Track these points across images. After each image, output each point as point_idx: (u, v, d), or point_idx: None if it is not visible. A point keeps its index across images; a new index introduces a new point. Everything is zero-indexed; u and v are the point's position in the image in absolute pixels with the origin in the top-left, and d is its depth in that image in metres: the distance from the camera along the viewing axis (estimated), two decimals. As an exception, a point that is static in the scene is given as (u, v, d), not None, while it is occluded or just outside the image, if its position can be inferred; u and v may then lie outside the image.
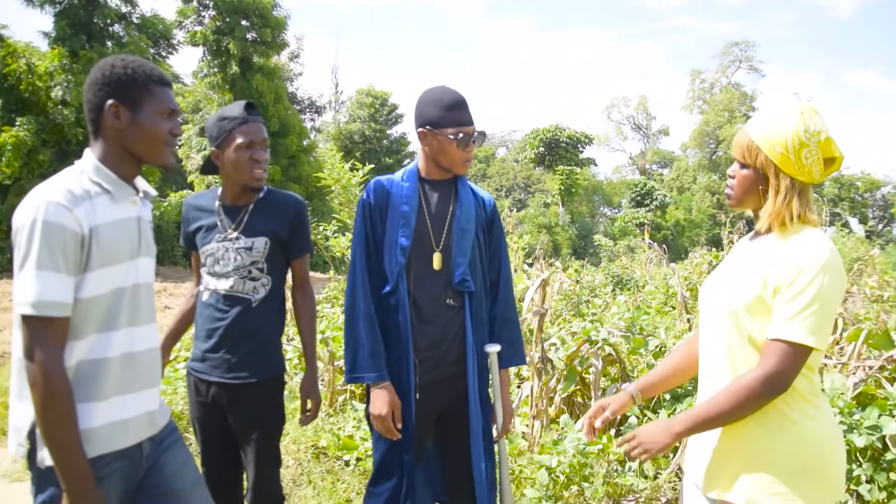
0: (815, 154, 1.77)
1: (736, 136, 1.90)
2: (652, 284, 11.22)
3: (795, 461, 1.76)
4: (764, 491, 1.77)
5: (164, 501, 1.97)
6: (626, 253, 19.99)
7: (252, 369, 2.64)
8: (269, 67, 26.03)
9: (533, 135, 43.18)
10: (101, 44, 20.62)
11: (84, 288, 1.76)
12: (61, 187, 1.75)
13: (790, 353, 1.70)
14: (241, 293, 2.63)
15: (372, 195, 2.56)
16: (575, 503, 3.27)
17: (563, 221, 36.54)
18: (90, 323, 1.79)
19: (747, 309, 1.78)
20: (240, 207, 2.70)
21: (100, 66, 1.87)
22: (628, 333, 4.43)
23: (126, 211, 1.88)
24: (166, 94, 1.90)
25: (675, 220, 41.18)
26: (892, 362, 3.81)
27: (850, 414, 3.42)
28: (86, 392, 1.79)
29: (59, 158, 19.72)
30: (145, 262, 1.95)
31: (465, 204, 2.61)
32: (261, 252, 2.65)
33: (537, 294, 4.19)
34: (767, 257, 1.80)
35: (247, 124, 2.62)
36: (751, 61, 50.94)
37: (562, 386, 4.35)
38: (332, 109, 43.31)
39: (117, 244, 1.83)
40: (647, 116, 54.67)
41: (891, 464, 3.31)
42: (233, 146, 2.59)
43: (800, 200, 1.80)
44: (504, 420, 2.62)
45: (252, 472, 2.62)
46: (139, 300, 1.92)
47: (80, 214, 1.73)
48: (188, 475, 2.04)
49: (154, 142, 1.88)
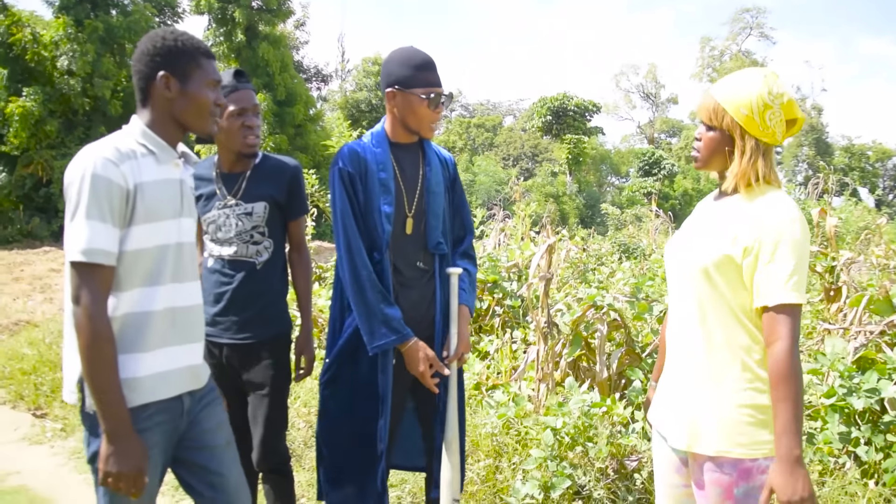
0: (778, 115, 1.85)
1: (701, 98, 1.96)
2: (658, 253, 11.27)
3: (756, 408, 1.84)
4: (731, 441, 1.86)
5: (200, 455, 2.07)
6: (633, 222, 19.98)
7: (261, 328, 2.75)
8: (274, 36, 25.84)
9: (540, 103, 42.87)
10: (105, 12, 20.51)
11: (129, 241, 1.86)
12: (110, 146, 1.86)
13: (794, 314, 1.77)
14: (245, 257, 2.72)
15: (348, 163, 2.51)
16: (579, 463, 3.35)
17: (570, 191, 36.47)
18: (135, 276, 1.89)
19: (716, 266, 1.85)
20: (237, 174, 2.77)
21: (150, 37, 1.97)
22: (633, 299, 4.48)
23: (169, 172, 1.99)
24: (212, 66, 2.02)
25: (684, 190, 41.01)
26: (892, 327, 3.86)
27: (850, 378, 3.47)
28: (132, 343, 1.89)
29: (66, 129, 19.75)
30: (187, 223, 2.05)
31: (433, 166, 2.64)
32: (261, 216, 2.73)
33: (543, 259, 4.25)
34: (735, 216, 1.87)
35: (237, 92, 2.69)
36: (762, 28, 50.33)
37: (567, 350, 4.42)
38: (339, 78, 43.08)
39: (161, 202, 1.93)
40: (656, 85, 54.15)
41: (888, 426, 3.38)
42: (224, 115, 2.65)
43: (764, 161, 1.88)
44: (459, 347, 2.65)
45: (261, 430, 2.71)
46: (182, 258, 2.02)
47: (126, 170, 1.84)
48: (223, 433, 2.14)
49: (201, 111, 1.99)
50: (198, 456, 2.07)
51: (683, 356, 2.01)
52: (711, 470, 1.90)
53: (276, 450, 2.77)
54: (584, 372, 4.53)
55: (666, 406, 2.07)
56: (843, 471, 3.40)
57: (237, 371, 2.76)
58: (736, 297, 1.86)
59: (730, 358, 1.89)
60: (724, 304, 1.88)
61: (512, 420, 3.79)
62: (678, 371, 2.03)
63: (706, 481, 1.92)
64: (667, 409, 2.06)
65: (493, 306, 5.93)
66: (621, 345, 4.45)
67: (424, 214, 2.61)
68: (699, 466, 1.94)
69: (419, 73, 2.47)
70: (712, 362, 1.91)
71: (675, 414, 2.00)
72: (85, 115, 19.95)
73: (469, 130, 52.03)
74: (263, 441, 2.71)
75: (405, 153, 2.61)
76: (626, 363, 4.33)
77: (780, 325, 1.77)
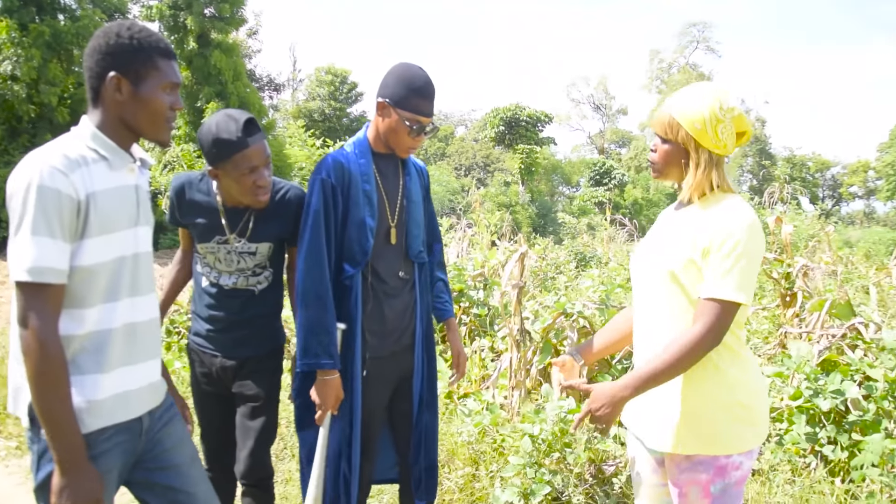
0: (729, 129, 1.94)
1: (656, 113, 2.04)
2: (616, 261, 11.46)
3: (727, 407, 1.92)
4: (706, 440, 1.92)
5: (164, 476, 1.97)
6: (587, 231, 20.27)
7: (256, 346, 2.70)
8: (227, 44, 25.41)
9: (493, 114, 43.15)
10: (52, 17, 19.93)
11: (83, 255, 1.73)
12: (57, 152, 1.71)
13: (723, 310, 1.84)
14: (245, 287, 2.64)
15: (332, 174, 2.47)
16: (557, 469, 3.38)
17: (523, 200, 36.74)
18: (94, 293, 1.77)
19: (683, 269, 1.92)
20: (242, 210, 2.58)
21: (104, 32, 1.80)
22: (602, 306, 4.55)
23: (124, 179, 1.85)
24: (171, 67, 1.85)
25: (634, 199, 41.72)
26: (853, 330, 4.01)
27: (816, 379, 3.59)
28: (92, 364, 1.77)
29: (10, 136, 19.11)
30: (143, 231, 1.92)
31: (412, 175, 2.66)
32: (264, 255, 2.64)
33: (516, 267, 4.28)
34: (695, 223, 1.95)
35: (247, 148, 2.40)
36: (708, 42, 51.62)
37: (538, 358, 4.46)
38: (291, 87, 42.74)
39: (116, 212, 1.80)
40: (606, 96, 55.06)
41: (852, 425, 3.50)
42: (232, 173, 2.43)
43: (717, 171, 1.97)
44: (460, 363, 2.80)
45: (251, 442, 2.65)
46: (139, 270, 1.89)
47: (77, 180, 1.70)
48: (186, 450, 2.05)
49: (154, 117, 1.84)
50: (161, 476, 1.97)
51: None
52: (688, 469, 1.97)
53: (264, 462, 2.71)
54: (555, 379, 4.56)
55: (639, 408, 2.11)
56: (810, 470, 3.50)
57: (228, 382, 2.71)
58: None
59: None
60: (691, 307, 1.94)
61: (488, 428, 3.81)
62: None
63: (683, 480, 1.99)
64: (640, 411, 2.10)
65: (459, 315, 5.95)
66: (591, 351, 4.51)
67: (406, 224, 2.62)
68: (676, 466, 2.00)
69: (412, 98, 2.41)
70: None
71: (649, 416, 2.06)
72: (30, 123, 19.31)
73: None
74: (252, 453, 2.65)
75: (387, 163, 2.60)
76: (595, 370, 4.39)
77: (710, 313, 1.85)
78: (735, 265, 1.83)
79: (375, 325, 2.56)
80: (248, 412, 2.66)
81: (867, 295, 7.16)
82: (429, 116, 2.46)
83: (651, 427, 2.04)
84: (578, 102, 55.75)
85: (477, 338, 5.49)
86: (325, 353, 2.41)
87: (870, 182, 51.39)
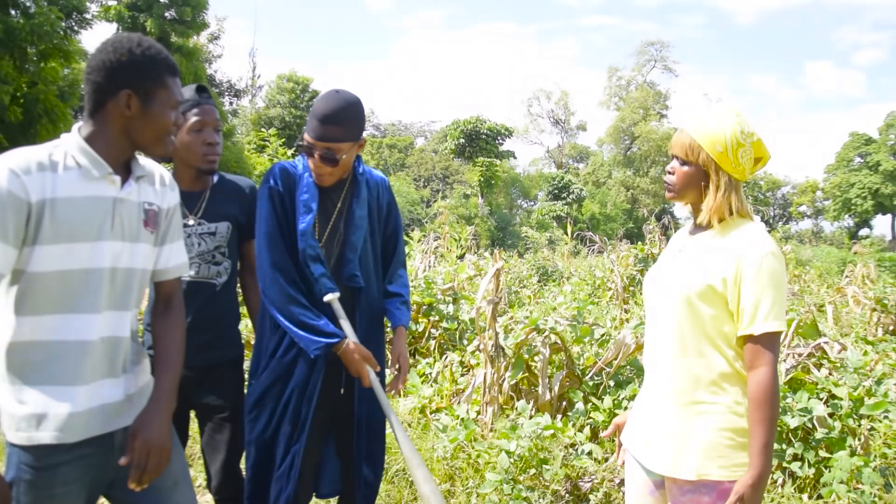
0: (749, 153, 1.96)
1: (676, 135, 2.06)
2: (577, 276, 11.59)
3: (734, 431, 1.93)
4: (711, 464, 1.93)
5: (146, 498, 1.91)
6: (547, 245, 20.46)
7: (220, 351, 2.70)
8: (188, 48, 25.06)
9: (454, 126, 43.39)
10: (5, 13, 19.38)
11: (37, 261, 1.70)
12: (21, 154, 1.70)
13: (775, 342, 1.88)
14: (206, 278, 2.65)
15: (280, 181, 2.52)
16: (533, 485, 3.39)
17: (482, 213, 36.95)
18: (52, 301, 1.74)
19: (699, 296, 1.93)
20: (196, 193, 2.69)
21: (115, 48, 1.77)
22: (574, 322, 4.59)
23: (99, 189, 1.78)
24: (177, 85, 1.86)
25: (591, 214, 42.32)
26: (819, 350, 4.12)
27: (784, 398, 3.68)
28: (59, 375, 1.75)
29: (-41, 136, 18.51)
30: (122, 246, 1.84)
31: (361, 198, 2.61)
32: (224, 236, 2.68)
33: (491, 283, 4.30)
34: (714, 248, 1.96)
35: (199, 106, 2.62)
36: (665, 61, 52.75)
37: (510, 374, 4.47)
38: (250, 94, 42.30)
39: (79, 221, 1.74)
40: (566, 112, 55.80)
41: (819, 442, 3.60)
42: (185, 129, 2.58)
43: (736, 195, 1.98)
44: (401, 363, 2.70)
45: (223, 455, 2.64)
46: (123, 284, 1.85)
47: (30, 182, 1.67)
48: (170, 472, 1.96)
49: (159, 133, 1.84)
50: (142, 498, 1.91)
51: (662, 382, 2.08)
52: (691, 492, 1.97)
53: (238, 475, 2.69)
54: (526, 394, 4.59)
55: (642, 430, 2.13)
56: (777, 486, 3.58)
57: (188, 393, 2.66)
58: (716, 325, 1.95)
59: (708, 383, 1.97)
60: (704, 332, 1.96)
61: (463, 444, 3.80)
62: (656, 396, 2.10)
63: (685, 501, 1.99)
64: (644, 434, 2.12)
65: (428, 329, 5.94)
66: (562, 367, 4.54)
67: (341, 247, 2.58)
68: (678, 488, 2.00)
69: (311, 120, 2.45)
70: (691, 388, 1.99)
71: (654, 439, 2.06)
72: (-19, 123, 18.76)
73: (380, 150, 52.06)
74: (225, 466, 2.63)
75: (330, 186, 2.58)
76: (567, 386, 4.42)
77: (763, 351, 1.87)
78: (775, 296, 1.86)
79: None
80: (217, 426, 2.66)
81: (822, 313, 7.39)
82: (319, 138, 2.42)
83: (655, 450, 2.05)
84: (538, 116, 56.38)
85: (447, 352, 5.48)
86: (325, 335, 2.41)
87: (818, 202, 53.10)
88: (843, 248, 35.21)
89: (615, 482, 3.44)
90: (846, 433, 3.60)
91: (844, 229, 48.39)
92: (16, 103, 19.23)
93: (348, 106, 2.43)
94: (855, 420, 3.65)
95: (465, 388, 4.77)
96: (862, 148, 47.29)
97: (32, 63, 19.54)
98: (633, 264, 8.63)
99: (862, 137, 47.43)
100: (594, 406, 4.13)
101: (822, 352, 4.12)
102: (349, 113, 2.43)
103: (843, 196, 46.72)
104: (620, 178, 49.31)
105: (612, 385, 4.25)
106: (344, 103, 2.43)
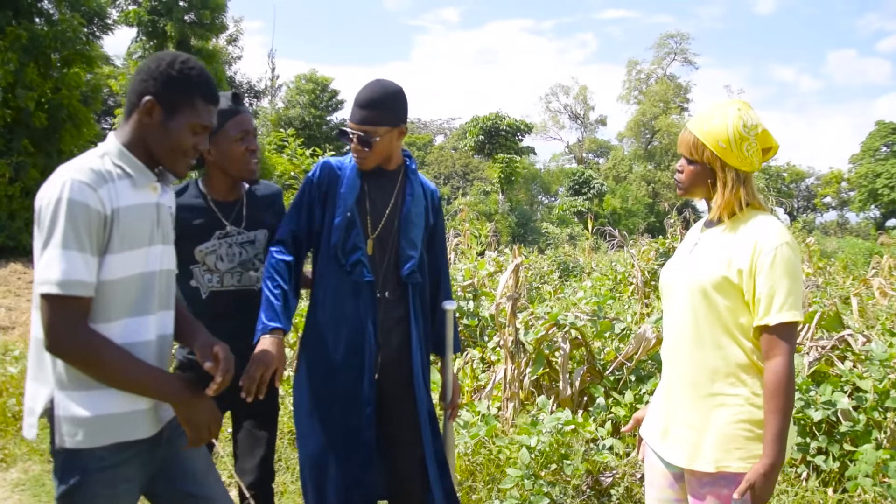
0: (754, 146, 1.97)
1: (680, 134, 2.08)
2: (598, 271, 11.54)
3: (753, 423, 1.93)
4: (730, 456, 1.94)
5: (185, 483, 2.02)
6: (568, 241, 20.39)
7: None
8: (207, 51, 25.30)
9: (473, 123, 43.32)
10: (29, 20, 19.66)
11: (107, 270, 1.77)
12: (84, 168, 1.76)
13: (792, 332, 1.89)
14: (248, 286, 2.68)
15: (320, 172, 2.62)
16: (554, 480, 3.40)
17: (502, 209, 36.87)
18: (119, 307, 1.81)
19: (715, 287, 1.95)
20: (232, 202, 2.70)
21: (158, 58, 1.87)
22: (595, 318, 4.58)
23: (146, 196, 1.89)
24: (208, 112, 1.92)
25: (612, 209, 42.04)
26: (842, 342, 4.07)
27: (807, 391, 3.65)
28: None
29: (-16, 140, 18.81)
30: (163, 249, 1.95)
31: (416, 196, 2.64)
32: (262, 244, 2.71)
33: (511, 279, 4.31)
34: (729, 241, 1.98)
35: (238, 115, 2.60)
36: (685, 54, 52.23)
37: (531, 369, 4.48)
38: (269, 95, 42.55)
39: (138, 228, 1.84)
40: (585, 106, 55.50)
41: (843, 436, 3.56)
42: (226, 139, 2.57)
43: (745, 189, 1.99)
44: (452, 396, 2.76)
45: (260, 451, 2.69)
46: (169, 285, 1.98)
47: (104, 195, 1.75)
48: (201, 456, 2.09)
49: (174, 150, 1.89)
50: (182, 484, 2.01)
51: (680, 375, 2.08)
52: (710, 484, 1.98)
53: (273, 470, 2.76)
54: (547, 390, 4.59)
55: (661, 423, 2.13)
56: (801, 480, 3.55)
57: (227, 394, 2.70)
58: (732, 316, 1.96)
59: (726, 375, 1.97)
60: (721, 324, 1.97)
61: (484, 440, 3.81)
62: (674, 389, 2.11)
63: (704, 493, 1.99)
64: (663, 426, 2.12)
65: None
66: (582, 363, 4.54)
67: (395, 240, 2.60)
68: (698, 481, 2.01)
69: (352, 107, 2.54)
70: (709, 380, 1.99)
71: (673, 431, 2.07)
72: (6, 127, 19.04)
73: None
74: (262, 462, 2.69)
75: (378, 179, 2.61)
76: (587, 381, 4.42)
77: (778, 342, 1.88)
78: (791, 286, 1.87)
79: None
80: (256, 423, 2.70)
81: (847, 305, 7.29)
82: (355, 122, 2.50)
83: (674, 443, 2.06)
84: (557, 112, 56.12)
85: (468, 348, 5.50)
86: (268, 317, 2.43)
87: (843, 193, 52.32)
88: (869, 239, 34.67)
89: (636, 477, 3.44)
90: (871, 426, 3.56)
91: (871, 220, 47.59)
92: (40, 109, 19.52)
93: (385, 92, 2.51)
94: (880, 413, 3.60)
95: (485, 385, 4.78)
96: (889, 137, 46.49)
97: (56, 69, 19.80)
98: (654, 259, 8.58)
99: (888, 126, 46.61)
100: (615, 401, 4.12)
101: (846, 344, 4.08)
102: (386, 98, 2.50)
103: (869, 186, 45.95)
104: (641, 173, 48.92)
105: (633, 380, 4.24)
106: (381, 89, 2.51)
